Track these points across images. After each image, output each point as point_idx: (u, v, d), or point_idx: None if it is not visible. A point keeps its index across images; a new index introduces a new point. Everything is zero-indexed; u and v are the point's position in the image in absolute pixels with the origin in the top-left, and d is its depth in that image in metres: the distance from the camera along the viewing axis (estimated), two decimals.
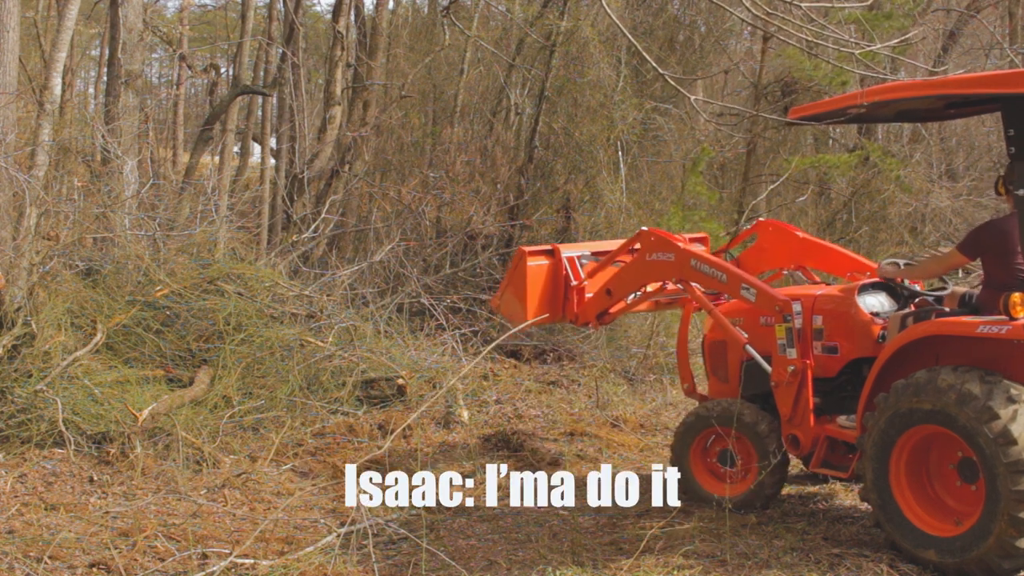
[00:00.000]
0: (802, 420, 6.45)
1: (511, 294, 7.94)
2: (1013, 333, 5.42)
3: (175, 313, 9.56)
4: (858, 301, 6.58)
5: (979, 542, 5.36)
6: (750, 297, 6.70)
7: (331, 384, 9.49)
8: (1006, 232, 5.83)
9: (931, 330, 5.82)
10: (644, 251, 7.32)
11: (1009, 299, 5.47)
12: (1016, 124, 5.59)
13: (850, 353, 6.53)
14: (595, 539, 6.34)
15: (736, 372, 7.16)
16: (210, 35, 32.02)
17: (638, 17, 16.50)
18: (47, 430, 7.81)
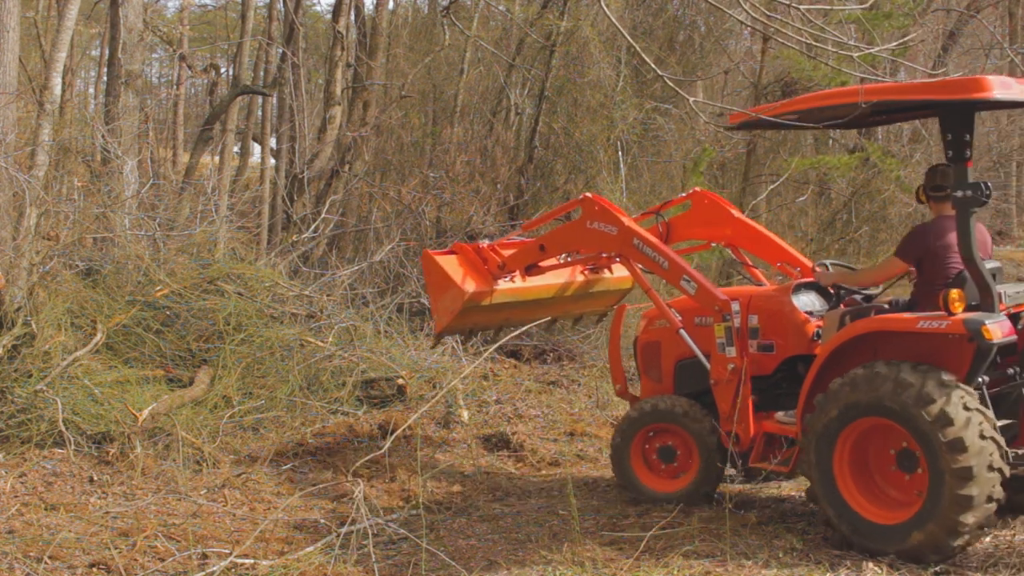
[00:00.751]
0: (742, 417, 6.62)
1: (438, 294, 7.93)
2: (952, 327, 5.64)
3: (175, 313, 9.56)
4: (793, 300, 6.74)
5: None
6: (690, 290, 6.87)
7: (331, 384, 9.49)
8: (937, 234, 6.10)
9: (873, 326, 5.99)
10: (585, 217, 7.39)
11: (948, 295, 5.70)
12: (952, 130, 5.79)
13: (786, 351, 6.67)
14: (595, 539, 6.34)
15: (670, 372, 7.30)
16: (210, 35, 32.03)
17: (638, 17, 16.50)
18: (47, 430, 7.81)
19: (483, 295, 7.78)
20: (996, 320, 5.65)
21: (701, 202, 7.87)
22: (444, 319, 7.92)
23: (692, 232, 8.00)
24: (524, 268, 7.86)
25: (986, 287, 5.79)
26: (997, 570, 5.57)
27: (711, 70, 18.17)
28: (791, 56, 14.33)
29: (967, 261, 5.85)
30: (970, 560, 5.72)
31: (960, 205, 5.79)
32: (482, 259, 7.87)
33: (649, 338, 7.52)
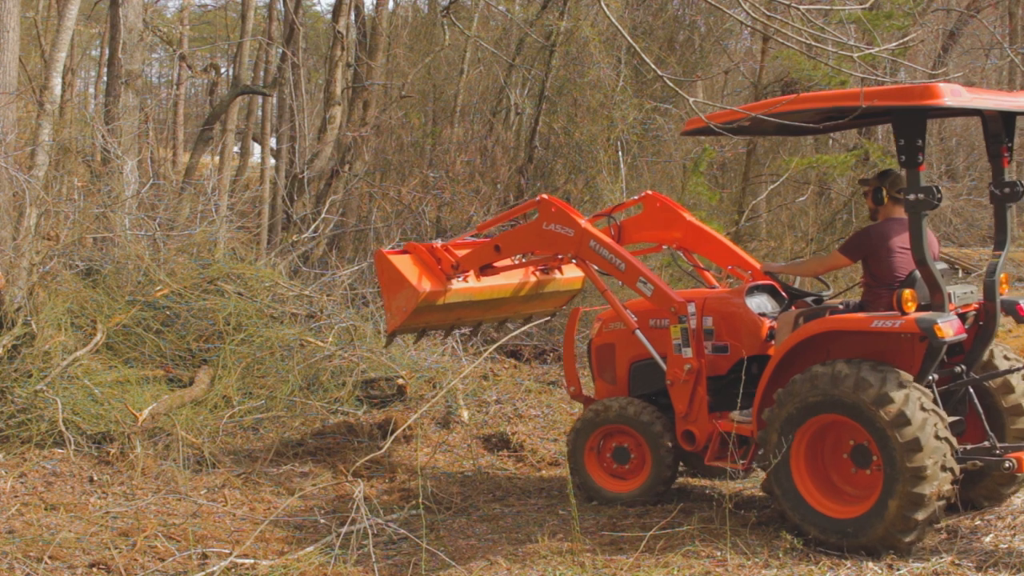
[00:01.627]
0: (697, 416, 6.76)
1: (391, 293, 7.93)
2: (905, 326, 5.82)
3: (175, 313, 9.57)
4: (747, 302, 6.89)
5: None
6: (646, 292, 6.97)
7: (331, 384, 9.49)
8: (885, 236, 6.25)
9: (828, 326, 6.14)
10: (542, 219, 7.43)
11: (901, 295, 5.88)
12: (905, 135, 5.91)
13: (740, 352, 6.82)
14: (595, 539, 6.34)
15: (624, 374, 7.40)
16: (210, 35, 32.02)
17: (638, 17, 16.50)
18: (47, 430, 7.82)
19: (437, 295, 7.79)
20: (947, 319, 5.81)
21: (653, 205, 7.94)
22: (397, 319, 7.93)
23: (643, 235, 8.06)
24: (479, 268, 7.86)
25: (937, 287, 5.95)
26: (997, 570, 5.57)
27: (711, 70, 18.17)
28: (791, 56, 14.33)
29: (919, 262, 5.98)
30: (970, 560, 5.72)
31: (912, 208, 5.93)
32: (435, 259, 7.88)
33: (603, 340, 7.61)
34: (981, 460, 5.97)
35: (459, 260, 7.82)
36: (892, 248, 6.24)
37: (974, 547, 5.93)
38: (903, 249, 6.16)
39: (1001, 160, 6.30)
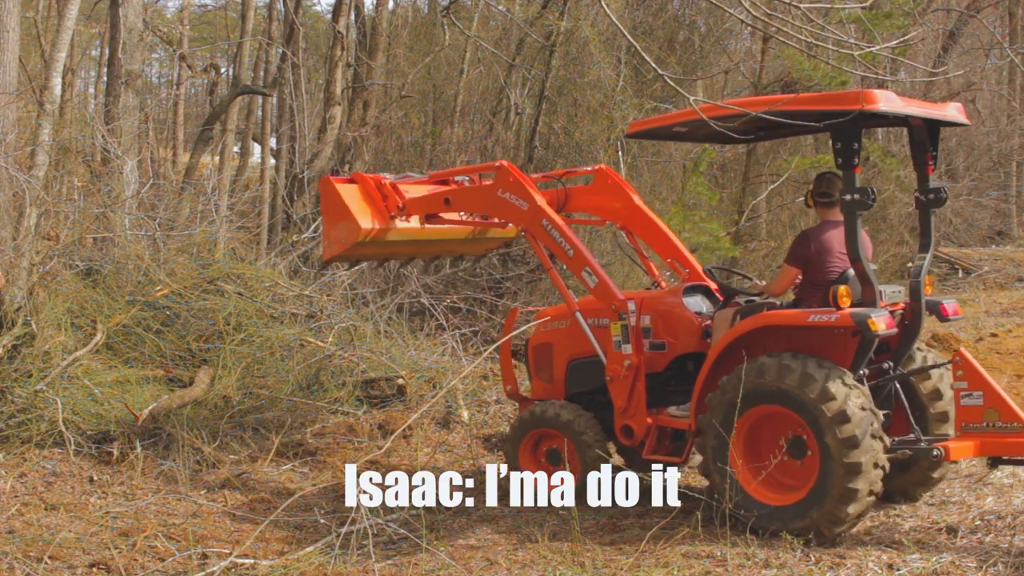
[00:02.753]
0: (636, 411, 6.92)
1: (333, 222, 7.90)
2: (841, 321, 6.09)
3: (175, 313, 9.56)
4: (684, 301, 7.09)
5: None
6: (590, 283, 7.08)
7: (331, 384, 9.49)
8: (822, 239, 6.50)
9: (766, 321, 6.36)
10: (498, 185, 7.45)
11: (836, 291, 6.16)
12: (842, 139, 6.11)
13: (676, 349, 7.02)
14: (595, 539, 6.34)
15: (561, 372, 7.48)
16: (210, 35, 32.02)
17: (638, 17, 16.50)
18: (47, 430, 7.81)
19: (378, 232, 7.79)
20: (880, 314, 6.07)
21: (604, 180, 8.00)
22: (334, 249, 7.95)
23: (589, 204, 8.12)
24: (424, 216, 7.89)
25: (870, 284, 6.19)
26: (997, 570, 5.57)
27: (711, 70, 18.17)
28: (791, 55, 14.33)
29: (854, 261, 6.22)
30: (970, 560, 5.72)
31: (848, 208, 6.14)
32: (382, 195, 7.87)
33: (541, 340, 7.69)
34: (910, 450, 6.29)
35: (406, 203, 7.83)
36: (828, 250, 6.47)
37: (974, 547, 5.94)
38: (838, 250, 6.40)
39: (926, 168, 6.61)
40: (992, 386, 6.20)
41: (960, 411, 6.25)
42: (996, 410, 6.11)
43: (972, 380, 6.19)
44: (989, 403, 6.13)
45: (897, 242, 18.53)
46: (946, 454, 6.15)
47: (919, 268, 6.53)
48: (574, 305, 7.31)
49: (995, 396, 6.15)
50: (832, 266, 6.46)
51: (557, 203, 7.86)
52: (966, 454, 6.26)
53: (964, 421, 6.22)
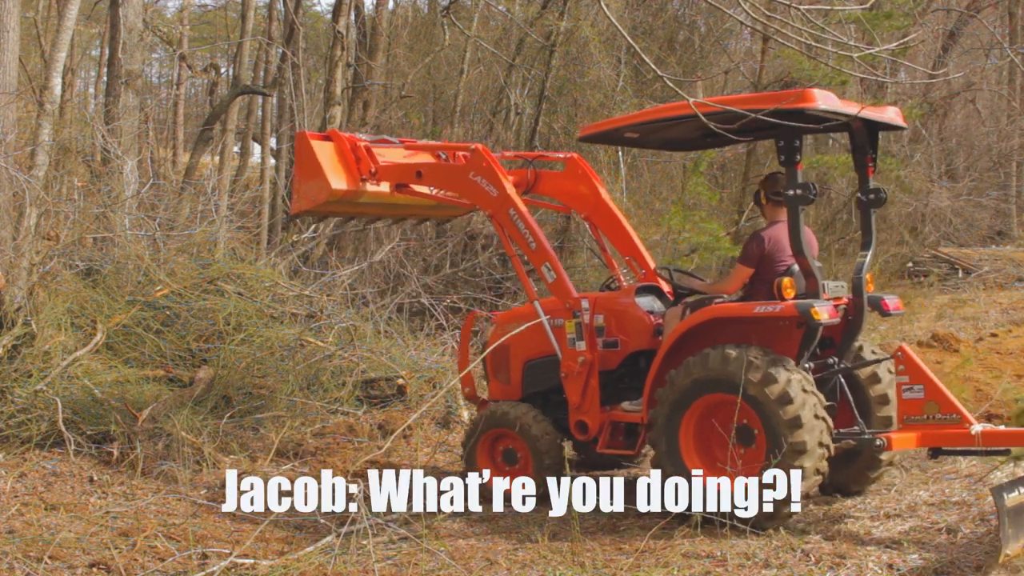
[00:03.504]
0: (590, 407, 7.09)
1: (304, 178, 7.96)
2: (785, 311, 6.32)
3: (175, 313, 9.56)
4: (636, 301, 7.29)
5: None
6: (548, 278, 7.24)
7: (331, 384, 9.48)
8: (774, 239, 6.76)
9: (715, 313, 6.59)
10: (470, 167, 7.52)
11: (781, 283, 6.43)
12: (785, 138, 6.42)
13: (629, 347, 7.19)
14: (595, 539, 6.34)
15: (518, 373, 7.61)
16: (210, 35, 32.02)
17: (638, 17, 16.51)
18: (47, 430, 7.81)
19: (348, 194, 7.87)
20: (822, 304, 6.32)
21: (575, 170, 8.09)
22: (303, 204, 8.03)
23: (557, 189, 8.26)
24: (395, 185, 7.97)
25: (813, 276, 6.45)
26: (997, 570, 5.56)
27: (711, 70, 18.18)
28: (791, 56, 14.33)
29: (797, 253, 6.48)
30: (969, 560, 5.72)
31: (791, 203, 6.47)
32: (355, 157, 7.93)
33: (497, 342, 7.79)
34: (854, 439, 6.46)
35: (378, 169, 7.90)
36: (778, 248, 6.72)
37: (974, 547, 5.94)
38: (787, 248, 6.63)
39: (866, 169, 6.93)
40: (932, 380, 6.45)
41: (902, 404, 6.50)
42: (936, 403, 6.37)
43: (913, 374, 6.44)
44: (929, 396, 6.39)
45: (897, 242, 18.54)
46: (888, 444, 6.38)
47: (861, 265, 6.75)
48: (534, 294, 7.47)
49: (935, 389, 6.40)
50: (781, 263, 6.69)
51: (526, 184, 8.03)
52: (908, 445, 6.51)
53: (906, 413, 6.47)
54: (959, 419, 6.30)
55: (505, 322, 7.79)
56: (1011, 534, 5.46)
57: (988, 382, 9.95)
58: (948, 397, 6.39)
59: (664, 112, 6.91)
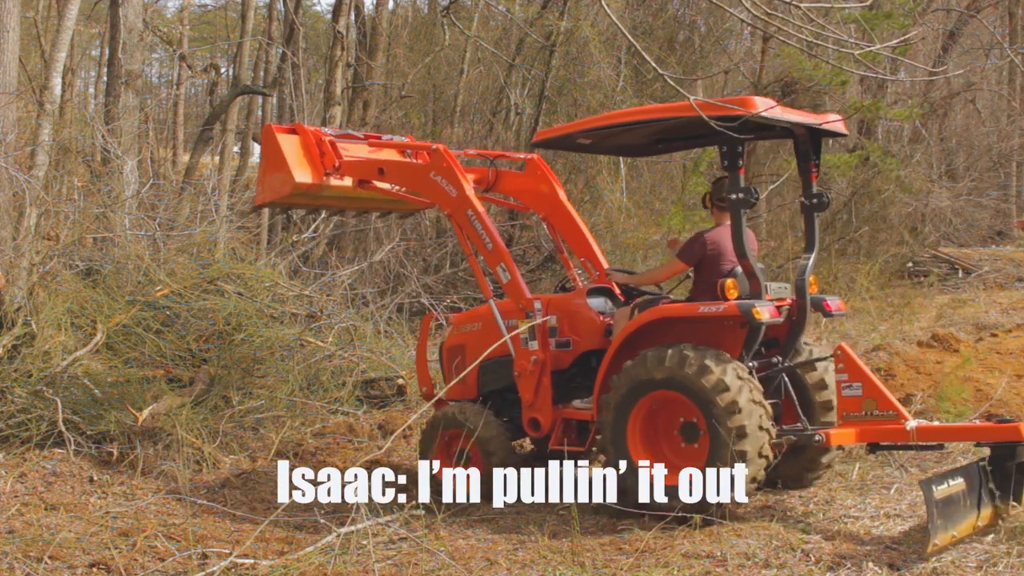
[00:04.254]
0: (542, 405, 7.26)
1: (269, 170, 8.10)
2: (728, 311, 6.52)
3: (175, 313, 9.55)
4: (588, 302, 7.45)
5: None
6: (503, 278, 7.39)
7: (331, 384, 9.49)
8: (717, 242, 6.91)
9: (661, 313, 6.77)
10: (431, 167, 7.66)
11: (724, 284, 6.63)
12: (728, 144, 6.53)
13: (580, 347, 7.35)
14: (595, 539, 6.34)
15: (473, 373, 7.67)
16: (210, 35, 32.04)
17: (638, 17, 16.51)
18: (47, 430, 7.81)
19: (311, 187, 7.99)
20: (764, 304, 6.52)
21: (535, 171, 8.22)
22: (267, 196, 8.19)
23: (518, 188, 8.40)
24: (358, 180, 8.08)
25: (755, 278, 6.64)
26: (998, 571, 5.57)
27: (711, 70, 18.17)
28: (791, 55, 14.34)
29: (740, 256, 6.66)
30: (969, 560, 5.72)
31: (733, 207, 6.61)
32: (320, 151, 8.06)
33: (454, 342, 7.97)
34: (795, 435, 6.65)
35: (342, 164, 8.04)
36: (721, 251, 6.88)
37: (973, 546, 5.93)
38: (730, 251, 6.80)
39: (810, 175, 7.08)
40: (870, 378, 6.63)
41: (841, 401, 6.67)
42: (873, 399, 6.56)
43: (852, 372, 6.62)
44: (867, 393, 6.57)
45: (897, 242, 18.54)
46: (827, 440, 6.56)
47: (804, 267, 6.93)
48: (489, 292, 7.59)
49: (873, 387, 6.58)
50: (724, 266, 6.85)
51: (487, 182, 8.19)
52: (846, 440, 6.69)
53: (845, 410, 6.64)
54: (895, 415, 6.50)
55: (461, 323, 8.00)
56: (940, 525, 5.61)
57: (988, 382, 9.94)
58: (885, 394, 6.59)
59: (615, 119, 7.17)
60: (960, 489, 5.80)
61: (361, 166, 8.04)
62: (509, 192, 8.47)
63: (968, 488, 5.87)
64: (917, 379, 10.27)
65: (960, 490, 5.80)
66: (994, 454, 6.17)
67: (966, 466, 6.22)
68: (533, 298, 7.35)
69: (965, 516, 5.83)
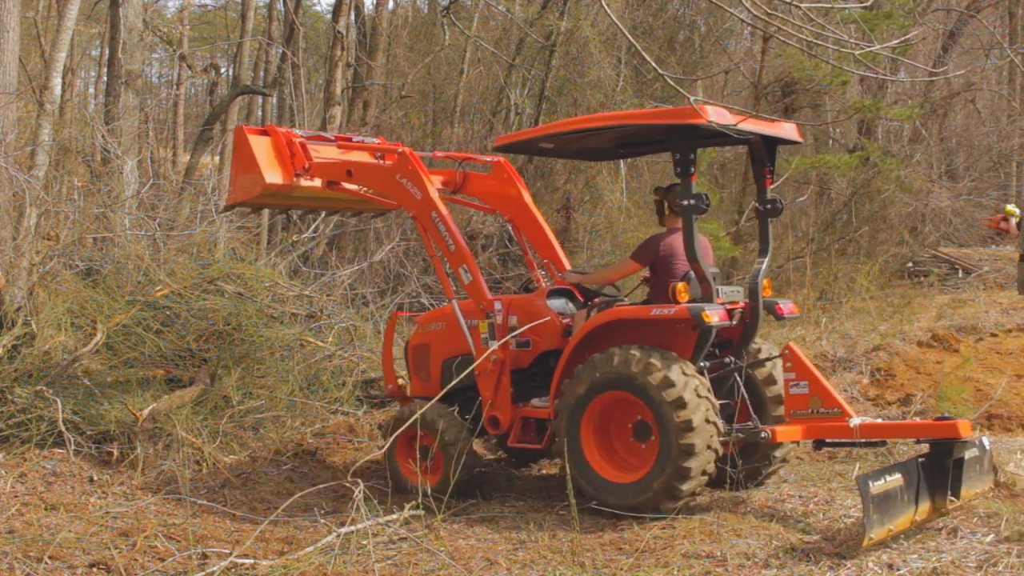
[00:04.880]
0: (502, 403, 7.42)
1: (240, 171, 8.26)
2: (678, 314, 6.70)
3: (175, 313, 9.55)
4: (547, 303, 7.59)
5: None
6: (465, 279, 7.56)
7: (331, 384, 9.49)
8: (671, 244, 7.09)
9: (615, 315, 6.97)
10: (396, 170, 7.82)
11: (675, 288, 6.80)
12: (680, 151, 6.78)
13: (540, 347, 7.50)
14: (595, 539, 6.34)
15: (437, 371, 7.92)
16: (210, 35, 32.05)
17: (638, 17, 16.51)
18: (47, 430, 7.81)
19: (281, 188, 8.14)
20: (713, 308, 6.70)
21: (501, 174, 8.38)
22: (238, 196, 8.36)
23: (484, 191, 8.54)
24: (327, 181, 8.23)
25: (707, 282, 6.83)
26: (998, 571, 5.57)
27: (711, 70, 18.17)
28: (792, 55, 14.34)
29: (691, 260, 6.84)
30: (969, 560, 5.72)
31: (685, 212, 6.79)
32: (291, 153, 8.20)
33: (419, 341, 8.12)
34: (743, 432, 6.87)
35: (311, 165, 8.18)
36: (674, 253, 7.05)
37: (974, 547, 5.94)
38: (682, 254, 6.97)
39: (764, 181, 7.31)
40: (816, 376, 6.84)
41: (789, 399, 6.90)
42: (819, 398, 6.78)
43: (799, 371, 6.84)
44: (814, 392, 6.79)
45: (897, 242, 18.54)
46: (773, 437, 6.78)
47: (757, 271, 7.14)
48: (451, 292, 7.77)
49: (819, 385, 6.80)
50: (677, 269, 7.02)
51: (455, 184, 8.40)
52: (793, 437, 6.91)
53: (792, 408, 6.86)
54: (840, 413, 6.70)
55: (425, 322, 8.15)
56: (875, 519, 5.71)
57: (988, 382, 9.95)
58: (831, 393, 6.79)
59: (575, 124, 7.33)
60: (898, 485, 5.93)
61: (330, 168, 8.19)
62: (476, 194, 8.63)
63: (906, 484, 6.00)
64: (917, 379, 10.28)
65: (898, 486, 5.93)
66: (932, 450, 6.36)
67: (904, 462, 6.38)
68: (494, 299, 7.54)
69: (902, 511, 5.96)
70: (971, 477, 6.48)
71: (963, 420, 6.44)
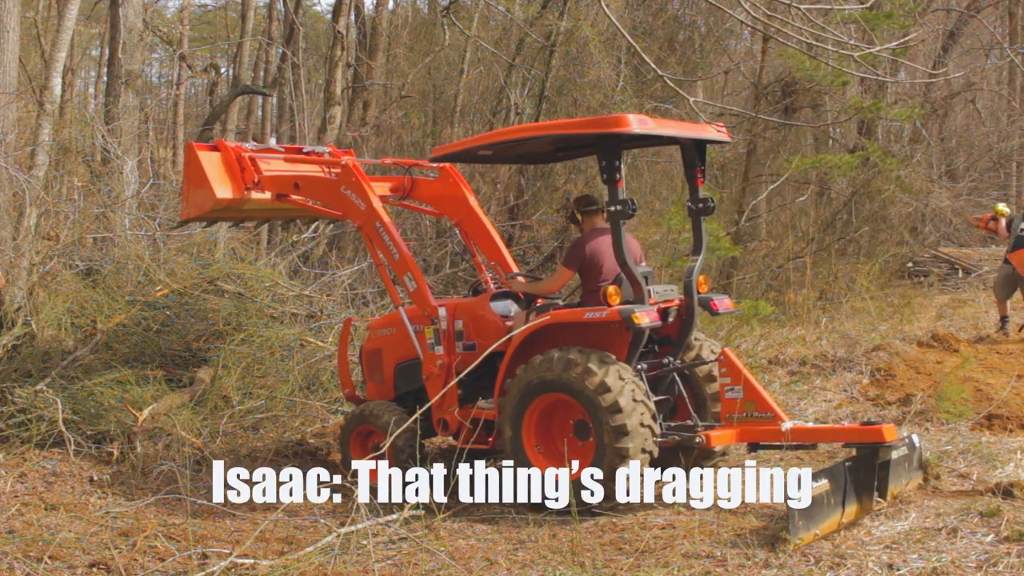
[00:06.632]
0: (450, 405, 7.55)
1: (192, 187, 8.37)
2: (610, 316, 6.83)
3: (175, 313, 9.56)
4: (491, 306, 7.78)
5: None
6: (409, 287, 7.70)
7: (331, 384, 9.49)
8: (595, 247, 7.22)
9: (552, 319, 7.10)
10: (341, 182, 8.01)
11: (606, 291, 6.91)
12: (606, 157, 6.87)
13: (485, 349, 7.54)
14: (595, 539, 6.34)
15: (390, 375, 8.08)
16: (210, 35, 32.05)
17: (638, 17, 16.51)
18: (47, 430, 7.81)
19: (233, 202, 8.28)
20: (644, 309, 6.82)
21: (447, 178, 8.59)
22: (191, 211, 8.46)
23: (432, 195, 8.76)
24: (276, 194, 8.36)
25: (637, 283, 6.95)
26: (998, 571, 5.57)
27: (711, 70, 18.17)
28: (792, 55, 14.33)
29: (621, 264, 6.93)
30: (969, 560, 5.72)
31: (613, 218, 6.89)
32: (240, 167, 8.34)
33: (372, 346, 8.25)
34: (679, 435, 6.98)
35: (261, 179, 8.33)
36: (600, 255, 7.18)
37: (974, 547, 5.94)
38: (609, 255, 7.08)
39: (696, 181, 7.50)
40: (750, 381, 6.95)
41: (724, 403, 7.01)
42: (753, 402, 6.90)
43: (734, 376, 6.96)
44: (747, 396, 6.91)
45: (897, 242, 18.54)
46: (708, 442, 6.85)
47: (691, 268, 7.29)
48: (398, 300, 7.90)
49: (752, 390, 6.92)
50: (604, 268, 7.16)
51: (403, 190, 8.60)
52: (727, 440, 6.98)
53: (727, 412, 6.98)
54: (773, 417, 6.83)
55: (378, 327, 8.28)
56: (801, 525, 5.86)
57: (988, 382, 9.95)
58: (764, 397, 6.92)
59: (509, 134, 7.66)
60: (825, 490, 6.03)
61: (278, 181, 8.33)
62: (424, 199, 8.80)
63: (833, 488, 6.10)
64: (917, 379, 10.28)
65: (825, 491, 6.03)
66: (859, 454, 6.50)
67: (831, 467, 6.46)
68: (438, 305, 7.71)
69: (829, 515, 6.07)
70: (898, 476, 6.68)
71: (888, 424, 6.57)
